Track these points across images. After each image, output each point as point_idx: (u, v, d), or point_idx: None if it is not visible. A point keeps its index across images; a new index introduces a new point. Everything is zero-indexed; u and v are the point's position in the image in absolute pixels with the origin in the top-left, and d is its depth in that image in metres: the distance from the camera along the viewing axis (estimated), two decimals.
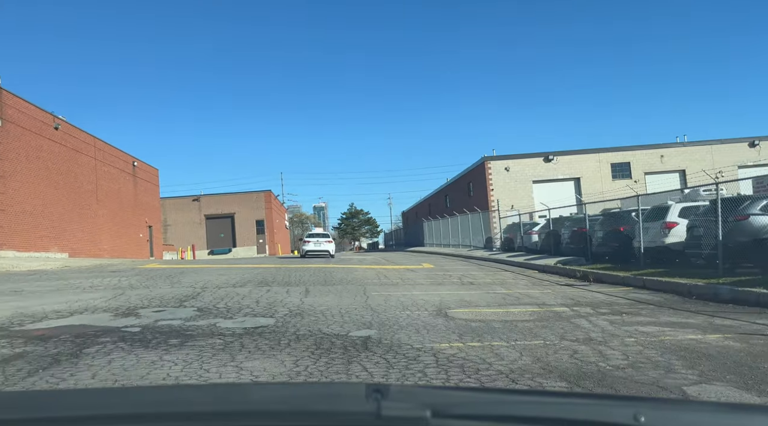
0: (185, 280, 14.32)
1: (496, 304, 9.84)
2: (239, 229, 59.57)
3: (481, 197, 42.20)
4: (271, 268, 18.87)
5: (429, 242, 44.35)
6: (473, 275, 15.91)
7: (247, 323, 8.00)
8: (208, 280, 14.52)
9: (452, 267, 19.59)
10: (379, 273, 16.77)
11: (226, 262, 24.19)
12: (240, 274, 16.14)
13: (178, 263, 21.87)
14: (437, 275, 16.04)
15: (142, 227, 37.45)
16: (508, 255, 22.18)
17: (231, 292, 12.06)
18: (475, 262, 21.87)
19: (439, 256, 28.97)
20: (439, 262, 22.31)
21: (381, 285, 13.27)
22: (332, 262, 23.88)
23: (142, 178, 38.23)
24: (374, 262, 23.30)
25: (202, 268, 18.66)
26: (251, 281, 14.24)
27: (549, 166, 41.99)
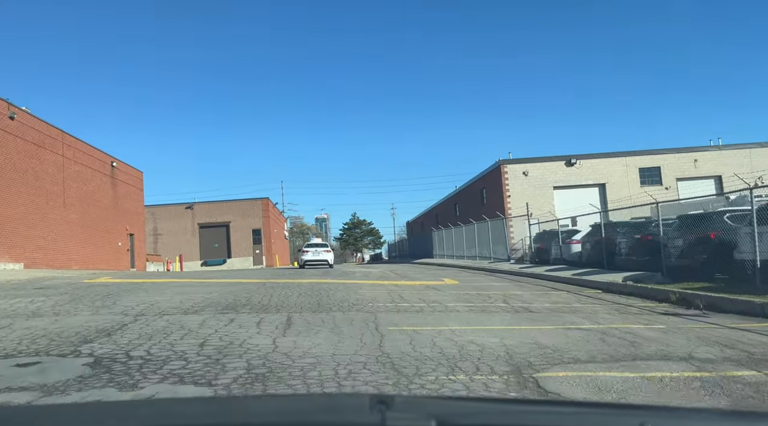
0: (123, 303, 10.11)
1: (608, 357, 5.58)
2: (234, 239, 55.39)
3: (496, 204, 38.03)
4: (253, 283, 14.72)
5: (439, 253, 40.05)
6: (520, 296, 11.66)
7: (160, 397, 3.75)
8: (156, 301, 10.31)
9: (482, 284, 15.35)
10: (392, 292, 12.56)
11: (206, 276, 20.01)
12: (206, 292, 11.94)
13: (138, 277, 17.63)
14: (471, 296, 11.79)
15: (121, 235, 33.28)
16: (546, 269, 17.92)
17: (173, 324, 7.86)
18: (507, 277, 17.61)
19: (456, 269, 24.71)
20: (462, 277, 18.10)
21: (398, 312, 9.05)
22: (331, 275, 19.74)
23: (123, 180, 34.12)
24: (382, 275, 19.12)
25: (165, 283, 14.48)
26: (215, 304, 10.01)
27: (571, 171, 37.84)
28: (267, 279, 16.36)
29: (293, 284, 14.42)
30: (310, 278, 16.90)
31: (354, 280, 16.08)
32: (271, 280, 16.11)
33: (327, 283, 14.99)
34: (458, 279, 17.17)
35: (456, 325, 7.72)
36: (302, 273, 21.38)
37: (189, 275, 20.63)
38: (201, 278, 17.12)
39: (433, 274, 20.68)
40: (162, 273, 23.32)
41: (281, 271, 24.21)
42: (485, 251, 30.42)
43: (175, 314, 8.76)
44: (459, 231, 35.03)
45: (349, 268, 28.99)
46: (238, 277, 18.37)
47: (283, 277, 17.43)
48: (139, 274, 20.89)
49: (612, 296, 11.62)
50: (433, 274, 20.67)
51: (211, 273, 23.63)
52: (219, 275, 20.18)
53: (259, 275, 19.80)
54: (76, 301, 10.26)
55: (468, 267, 24.96)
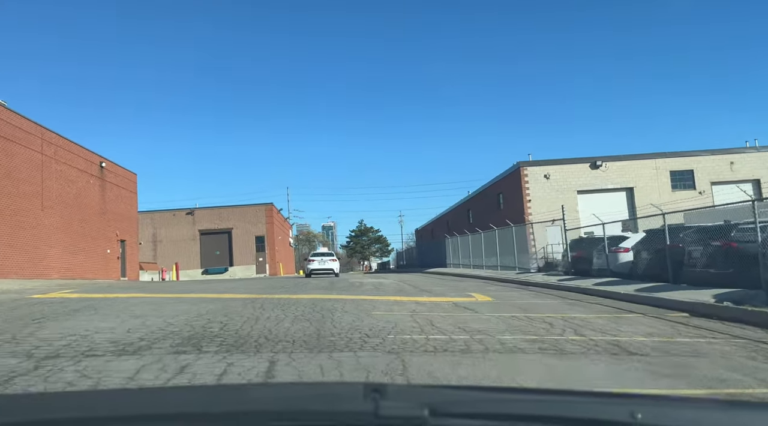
0: (45, 333, 7.14)
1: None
2: (237, 247, 52.57)
3: (515, 210, 35.02)
4: (241, 299, 11.77)
5: (454, 262, 36.97)
6: (588, 322, 8.61)
7: None
8: (95, 330, 7.37)
9: (524, 301, 12.30)
10: (416, 314, 9.58)
11: (189, 288, 17.11)
12: (173, 314, 9.00)
13: (103, 292, 14.55)
14: (522, 321, 8.73)
15: (111, 241, 30.46)
16: (595, 282, 14.83)
17: (89, 376, 4.92)
18: (547, 293, 14.56)
19: (479, 280, 21.65)
20: (492, 291, 15.09)
21: (435, 353, 6.02)
22: (338, 287, 16.82)
23: (113, 182, 31.35)
24: (397, 288, 16.14)
25: (130, 299, 11.52)
26: (174, 335, 7.05)
27: (597, 174, 34.80)
28: (259, 294, 13.37)
29: (290, 301, 11.45)
30: (313, 292, 13.93)
31: (365, 295, 13.10)
32: (264, 295, 13.13)
33: (332, 299, 12.02)
34: (489, 294, 14.14)
35: (536, 384, 4.75)
36: (304, 284, 18.43)
37: (171, 287, 17.67)
38: (180, 292, 14.14)
39: (455, 286, 17.66)
40: (143, 284, 20.42)
41: (281, 282, 21.27)
42: (508, 260, 27.39)
43: (103, 355, 5.81)
44: (476, 238, 31.98)
45: (356, 278, 26.01)
46: (228, 289, 15.44)
47: (280, 291, 14.46)
48: (114, 287, 17.95)
49: (711, 323, 8.56)
50: (454, 286, 17.66)
51: (200, 284, 20.70)
52: (208, 287, 17.25)
53: (253, 287, 16.86)
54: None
55: (492, 278, 21.90)
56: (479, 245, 31.24)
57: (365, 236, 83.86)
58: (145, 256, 51.66)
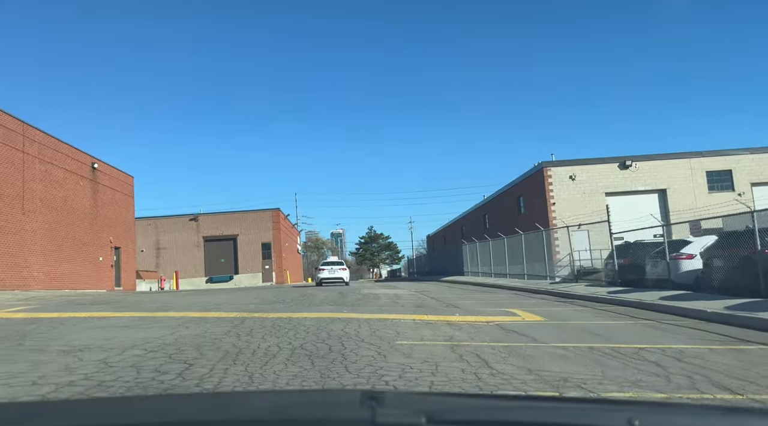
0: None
1: None
2: (242, 254, 50.16)
3: (537, 213, 32.32)
4: (228, 319, 9.22)
5: (472, 270, 34.24)
6: (709, 361, 5.89)
7: None
8: (8, 375, 4.91)
9: (589, 323, 9.60)
10: (457, 344, 6.90)
11: (169, 304, 14.61)
12: (125, 345, 6.41)
13: (62, 310, 12.03)
14: (619, 364, 5.92)
15: (103, 248, 28.08)
16: (661, 296, 12.08)
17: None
18: (605, 309, 11.83)
19: (507, 291, 18.96)
20: (533, 306, 12.41)
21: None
22: (349, 299, 14.31)
23: (107, 185, 29.01)
24: (418, 302, 13.53)
25: (86, 320, 8.94)
26: (98, 390, 4.56)
27: (626, 175, 32.07)
28: (253, 312, 10.75)
29: (290, 323, 8.88)
30: (318, 310, 11.34)
31: (383, 314, 10.49)
32: (259, 312, 10.55)
33: (343, 319, 9.44)
34: (533, 311, 11.47)
35: None
36: (311, 296, 15.86)
37: (156, 301, 15.10)
38: (159, 310, 11.49)
39: (485, 300, 15.01)
40: (129, 296, 17.84)
41: (286, 293, 18.73)
42: (537, 268, 24.72)
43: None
44: (498, 244, 29.25)
45: (368, 288, 23.40)
46: (220, 304, 12.89)
47: (280, 307, 11.87)
48: (94, 300, 15.37)
49: None
50: (484, 300, 15.01)
51: (192, 296, 18.17)
52: (197, 301, 14.73)
53: (251, 300, 14.32)
54: None
55: (522, 289, 19.21)
56: (501, 252, 28.52)
57: (375, 243, 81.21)
58: (147, 264, 49.37)
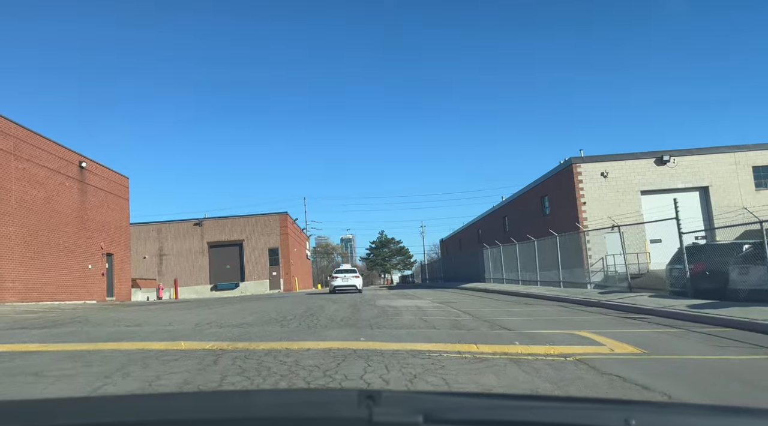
0: None
1: None
2: (248, 260, 47.49)
3: (565, 214, 29.34)
4: (201, 353, 6.38)
5: (494, 276, 31.22)
6: None
7: None
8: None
9: (710, 360, 6.55)
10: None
11: (159, 318, 11.86)
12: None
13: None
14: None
15: (93, 255, 25.44)
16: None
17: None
18: (713, 332, 8.78)
19: (549, 302, 15.97)
20: (601, 326, 9.45)
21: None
22: (364, 315, 11.53)
23: (98, 186, 26.39)
24: (450, 320, 10.64)
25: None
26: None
27: (663, 171, 29.01)
28: (235, 342, 7.80)
29: (284, 362, 6.02)
30: (327, 335, 8.46)
31: (414, 343, 7.60)
32: (243, 342, 7.60)
33: (361, 353, 6.56)
34: (610, 334, 8.53)
35: None
36: (317, 314, 13.03)
37: (131, 318, 12.22)
38: (108, 340, 8.53)
39: (532, 314, 12.08)
40: (104, 311, 14.89)
41: (289, 307, 15.94)
42: (575, 274, 21.79)
43: None
44: (527, 248, 26.27)
45: (383, 298, 20.57)
46: (202, 325, 10.10)
47: (274, 333, 9.00)
48: (51, 317, 12.50)
49: None
50: (530, 314, 12.08)
51: (179, 312, 15.38)
52: (176, 318, 11.96)
53: (244, 318, 11.52)
54: None
55: (566, 299, 16.24)
56: (530, 256, 25.53)
57: (386, 248, 78.23)
58: (150, 271, 46.83)
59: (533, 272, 24.60)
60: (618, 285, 18.17)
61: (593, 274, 26.88)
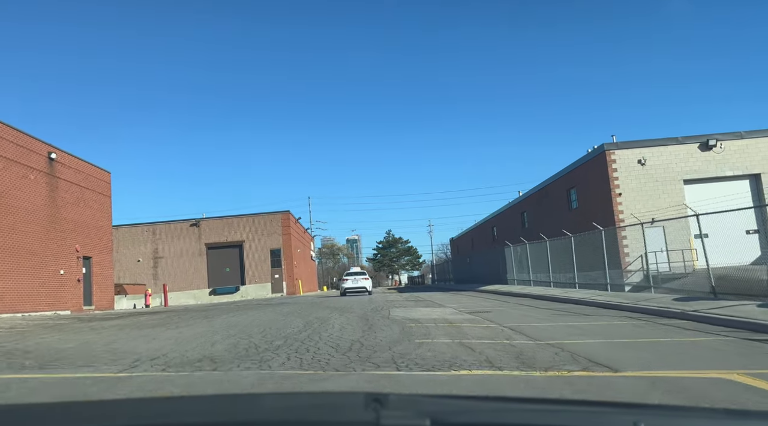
0: None
1: None
2: (249, 262, 44.19)
3: (596, 207, 25.89)
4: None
5: (519, 278, 27.70)
6: None
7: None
8: None
9: None
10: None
11: (98, 339, 8.59)
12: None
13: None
14: None
15: (66, 259, 22.18)
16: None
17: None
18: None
19: (609, 311, 12.43)
20: (753, 363, 6.15)
21: None
22: (380, 340, 8.24)
23: (72, 181, 23.12)
24: (504, 344, 7.26)
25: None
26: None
27: (709, 157, 25.48)
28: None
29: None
30: (325, 382, 5.18)
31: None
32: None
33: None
34: (747, 371, 5.22)
35: None
36: (314, 335, 9.64)
37: (36, 352, 8.92)
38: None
39: (609, 333, 8.67)
40: (32, 336, 11.50)
41: (281, 325, 12.59)
42: (612, 276, 18.37)
43: None
44: (560, 245, 22.77)
45: (398, 306, 17.21)
46: (110, 383, 6.85)
47: (241, 381, 5.72)
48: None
49: None
50: (605, 333, 8.67)
51: (126, 333, 11.99)
52: (120, 346, 8.66)
53: (215, 343, 8.19)
54: None
55: (628, 307, 12.75)
56: (564, 255, 22.05)
57: (393, 248, 74.82)
58: (144, 275, 43.60)
59: (569, 273, 21.12)
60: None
61: (630, 274, 23.52)
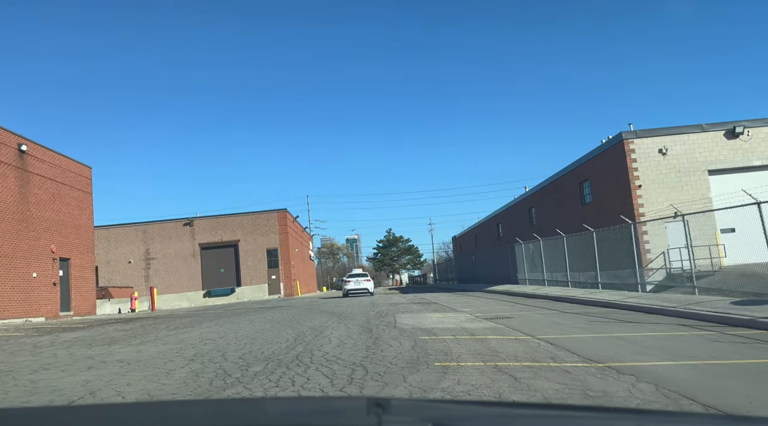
0: None
1: None
2: (245, 262, 42.22)
3: (612, 201, 23.99)
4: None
5: (532, 277, 25.75)
6: None
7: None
8: None
9: None
10: None
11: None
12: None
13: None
14: None
15: (39, 260, 20.21)
16: None
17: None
18: None
19: (658, 317, 10.47)
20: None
21: None
22: (389, 358, 6.37)
23: (47, 176, 21.15)
24: (565, 384, 5.42)
25: None
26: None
27: (736, 146, 23.56)
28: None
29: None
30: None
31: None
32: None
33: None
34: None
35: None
36: (305, 359, 7.69)
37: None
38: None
39: (677, 349, 6.73)
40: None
41: (271, 332, 10.66)
42: (636, 275, 16.44)
43: None
44: (580, 241, 20.82)
45: (403, 311, 15.27)
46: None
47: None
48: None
49: None
50: (672, 350, 6.74)
51: (71, 348, 10.04)
52: (41, 383, 6.77)
53: (176, 366, 6.23)
54: None
55: (679, 313, 10.78)
56: (587, 252, 20.10)
57: (394, 246, 72.87)
58: (135, 277, 41.59)
59: (588, 272, 19.16)
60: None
61: (650, 272, 21.62)
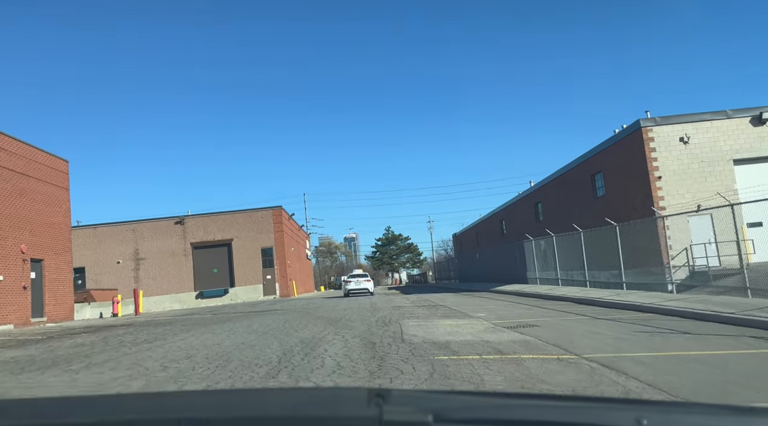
0: None
1: None
2: (239, 262, 40.27)
3: (628, 194, 22.13)
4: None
5: (543, 276, 23.85)
6: None
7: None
8: None
9: None
10: None
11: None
12: None
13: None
14: None
15: (6, 261, 18.28)
16: None
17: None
18: None
19: (718, 327, 8.68)
20: None
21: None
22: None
23: (13, 169, 19.17)
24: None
25: None
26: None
27: (763, 133, 21.74)
28: None
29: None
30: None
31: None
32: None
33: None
34: None
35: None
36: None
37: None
38: None
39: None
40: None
41: (253, 347, 8.77)
42: (653, 274, 14.58)
43: None
44: (597, 237, 18.97)
45: (408, 315, 13.42)
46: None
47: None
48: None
49: None
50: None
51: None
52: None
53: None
54: None
55: (734, 319, 8.92)
56: (607, 249, 18.23)
57: (393, 245, 70.97)
58: (124, 278, 39.54)
59: (611, 270, 17.28)
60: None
61: (676, 269, 19.77)
